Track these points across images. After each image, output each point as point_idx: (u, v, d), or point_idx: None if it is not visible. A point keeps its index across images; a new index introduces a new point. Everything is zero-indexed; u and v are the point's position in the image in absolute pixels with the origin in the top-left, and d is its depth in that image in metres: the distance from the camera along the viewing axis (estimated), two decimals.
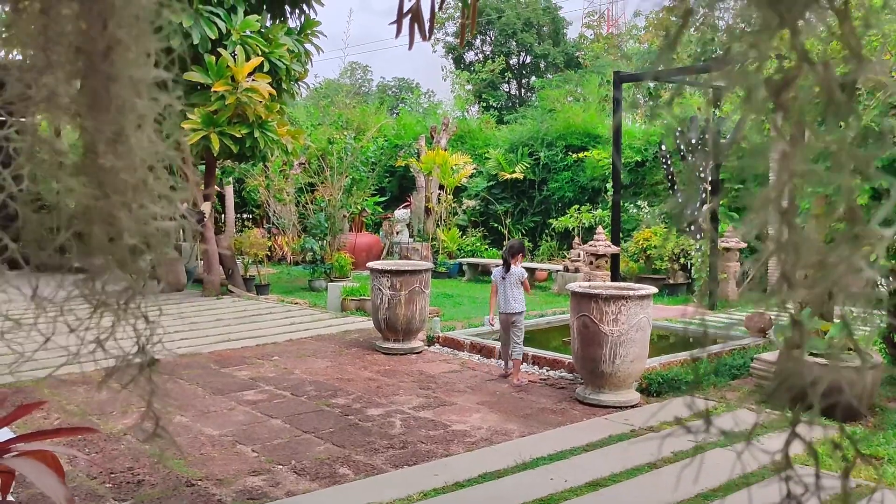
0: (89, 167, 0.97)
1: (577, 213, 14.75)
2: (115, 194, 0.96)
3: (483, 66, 37.38)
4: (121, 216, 0.97)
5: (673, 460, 4.88)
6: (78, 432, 2.79)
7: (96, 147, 0.95)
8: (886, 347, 6.68)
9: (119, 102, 0.94)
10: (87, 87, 0.93)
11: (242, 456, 4.94)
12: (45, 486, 1.84)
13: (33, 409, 2.24)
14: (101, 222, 0.97)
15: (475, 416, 5.84)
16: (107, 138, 0.94)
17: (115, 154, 0.96)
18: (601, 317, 5.96)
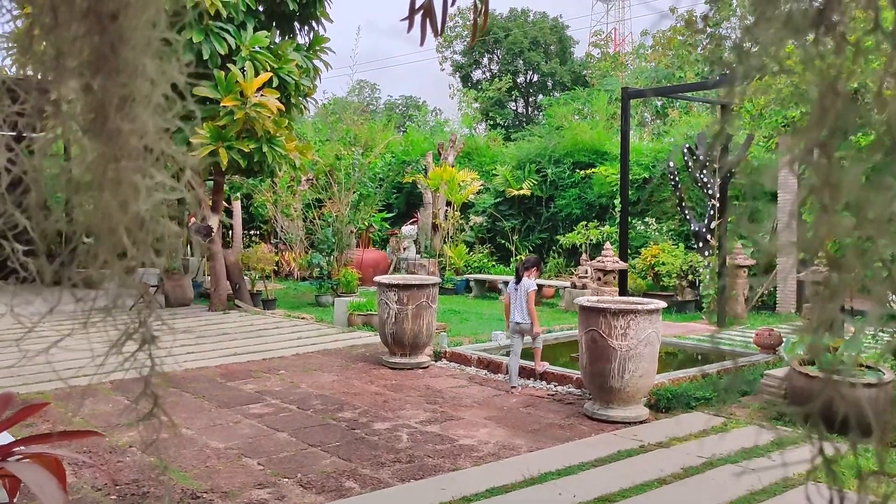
0: (99, 130, 0.96)
1: (584, 229, 14.73)
2: (125, 159, 0.95)
3: (490, 84, 37.54)
4: (133, 181, 0.95)
5: (682, 476, 4.82)
6: (81, 436, 2.77)
7: (106, 110, 0.94)
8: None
9: (129, 65, 0.93)
10: (96, 49, 0.93)
11: (248, 469, 4.91)
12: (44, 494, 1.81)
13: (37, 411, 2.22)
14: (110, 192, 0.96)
15: (482, 431, 5.79)
16: (117, 101, 0.93)
17: (125, 118, 0.95)
18: (610, 331, 5.92)
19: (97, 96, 0.94)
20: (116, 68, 0.92)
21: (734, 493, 4.51)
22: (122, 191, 0.97)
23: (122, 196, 0.97)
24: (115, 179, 0.96)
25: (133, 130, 0.95)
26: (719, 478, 4.79)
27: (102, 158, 0.96)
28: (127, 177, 0.96)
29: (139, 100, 0.95)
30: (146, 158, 0.98)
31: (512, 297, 7.40)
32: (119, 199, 0.97)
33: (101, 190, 0.97)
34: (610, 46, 39.89)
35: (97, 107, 0.95)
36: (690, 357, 8.95)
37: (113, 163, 0.96)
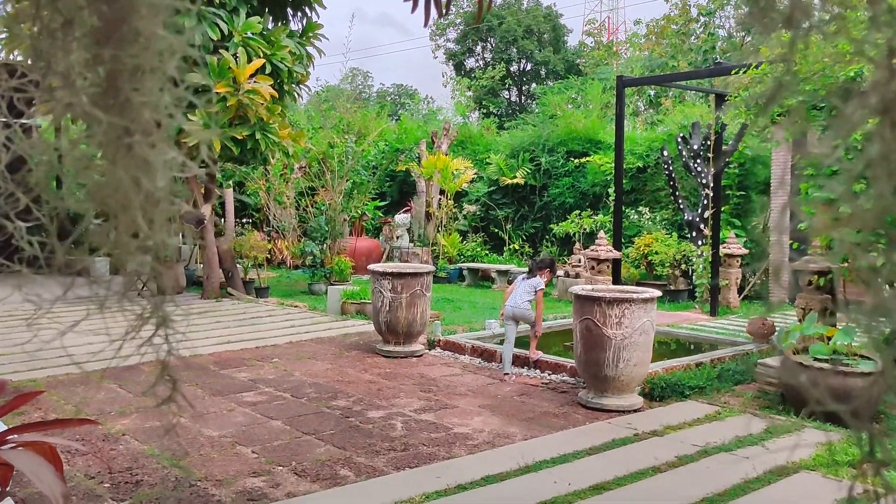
0: (110, 102, 0.93)
1: (578, 218, 14.72)
2: (138, 132, 0.92)
3: (483, 72, 37.42)
4: (147, 156, 0.93)
5: (677, 464, 4.83)
6: (76, 425, 2.74)
7: (117, 81, 0.91)
8: None
9: (139, 35, 0.90)
10: (104, 17, 0.90)
11: (242, 457, 4.89)
12: (41, 482, 1.79)
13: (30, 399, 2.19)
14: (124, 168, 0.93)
15: (477, 419, 5.79)
16: (128, 72, 0.90)
17: (137, 89, 0.92)
18: (605, 320, 5.91)
19: (107, 67, 0.91)
20: (126, 38, 0.90)
21: (728, 480, 4.52)
22: (135, 166, 0.94)
23: (136, 172, 0.94)
24: (128, 154, 0.93)
25: (145, 103, 0.92)
26: (714, 466, 4.80)
27: (114, 132, 0.93)
28: (141, 151, 0.93)
29: (151, 71, 0.92)
30: (159, 133, 0.95)
31: (517, 284, 7.47)
32: (132, 175, 0.94)
33: (113, 165, 0.94)
34: (603, 35, 39.79)
35: (108, 78, 0.92)
36: (683, 346, 8.97)
37: (126, 136, 0.93)
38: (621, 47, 34.41)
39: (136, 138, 0.92)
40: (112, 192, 0.95)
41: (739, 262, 12.26)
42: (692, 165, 12.52)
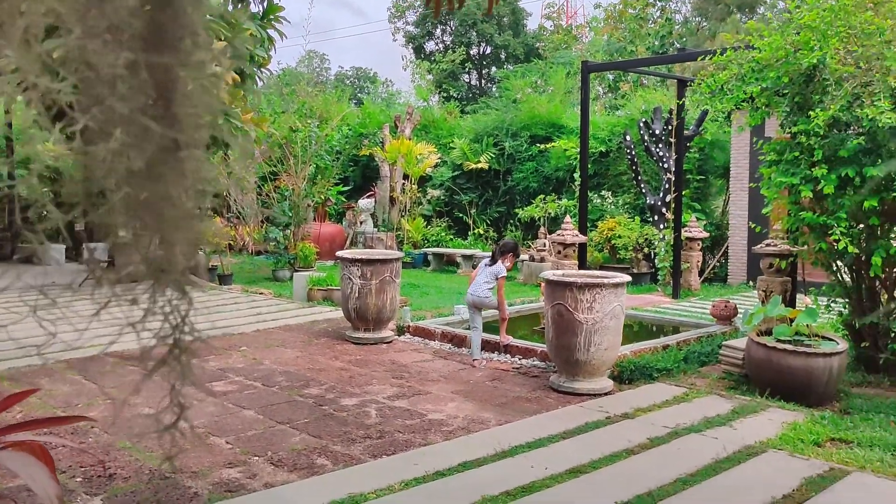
0: (161, 114, 0.90)
1: (542, 203, 14.80)
2: (187, 147, 0.89)
3: (443, 56, 37.27)
4: (193, 173, 0.90)
5: (649, 446, 4.92)
6: (69, 422, 2.68)
7: (168, 91, 0.88)
8: (848, 333, 6.84)
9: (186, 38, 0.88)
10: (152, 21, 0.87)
11: (216, 448, 4.84)
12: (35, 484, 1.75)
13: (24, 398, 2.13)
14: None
15: (451, 405, 5.81)
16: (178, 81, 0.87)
17: (187, 100, 0.89)
18: (576, 305, 5.97)
19: (157, 75, 0.88)
20: (174, 44, 0.87)
21: (700, 461, 4.62)
22: (181, 183, 0.92)
23: (181, 188, 0.91)
24: (177, 170, 0.90)
25: (193, 115, 0.90)
26: (685, 447, 4.91)
27: (163, 146, 0.90)
28: (192, 167, 0.90)
29: (200, 79, 0.89)
30: (206, 147, 0.92)
31: (480, 271, 7.45)
32: (177, 192, 0.91)
33: (157, 181, 0.91)
34: (562, 19, 39.91)
35: (158, 87, 0.89)
36: (648, 329, 9.11)
37: (174, 151, 0.90)
38: (581, 31, 34.55)
39: (185, 152, 0.90)
40: (153, 205, 0.92)
41: (700, 245, 12.48)
42: (654, 150, 12.67)
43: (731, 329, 8.19)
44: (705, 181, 14.41)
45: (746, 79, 6.77)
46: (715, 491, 4.19)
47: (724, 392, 6.22)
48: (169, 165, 0.93)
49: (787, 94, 6.67)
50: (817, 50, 6.26)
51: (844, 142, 6.23)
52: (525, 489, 4.17)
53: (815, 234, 6.68)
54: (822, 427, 5.24)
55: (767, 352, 6.01)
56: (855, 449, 4.83)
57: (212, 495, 4.07)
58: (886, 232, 6.55)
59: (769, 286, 8.03)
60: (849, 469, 4.48)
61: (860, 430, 5.19)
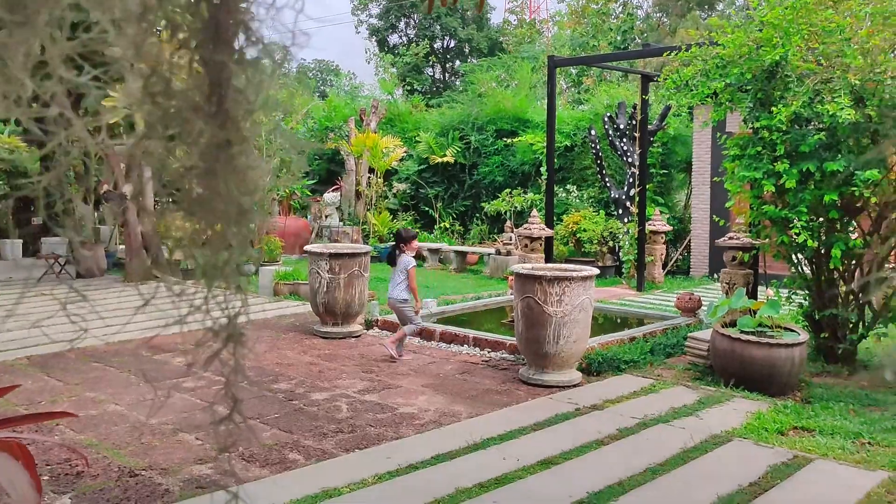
0: (214, 111, 0.89)
1: (509, 196, 14.87)
2: (238, 144, 0.89)
3: (407, 49, 37.12)
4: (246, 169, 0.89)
5: (619, 437, 4.99)
6: (52, 418, 2.62)
7: (222, 88, 0.87)
8: (809, 324, 7.01)
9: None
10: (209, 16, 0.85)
11: (186, 444, 4.78)
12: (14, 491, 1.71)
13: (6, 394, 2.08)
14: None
15: (421, 399, 5.82)
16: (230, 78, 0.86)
17: (240, 98, 0.88)
18: (545, 298, 6.02)
19: (211, 72, 0.87)
20: (228, 39, 0.86)
21: (668, 451, 4.70)
22: (234, 180, 0.91)
23: (234, 185, 0.91)
24: (230, 167, 0.89)
25: (245, 112, 0.89)
26: (653, 437, 4.99)
27: (216, 143, 0.89)
28: (243, 163, 0.90)
29: (252, 76, 0.88)
30: (256, 144, 0.92)
31: (393, 274, 7.28)
32: (230, 189, 0.91)
33: (213, 177, 0.90)
34: (526, 13, 40.03)
35: (212, 84, 0.88)
36: (614, 321, 9.22)
37: (226, 148, 0.89)
38: (544, 26, 34.73)
39: (237, 149, 0.89)
40: (210, 203, 0.91)
41: (664, 238, 12.65)
42: (618, 144, 12.81)
43: (695, 321, 8.33)
44: (668, 175, 14.61)
45: (711, 75, 6.88)
46: (684, 480, 4.27)
47: (690, 383, 6.34)
48: (222, 162, 0.93)
49: (751, 90, 6.80)
50: (779, 47, 6.39)
51: (805, 137, 6.37)
52: (498, 481, 4.20)
53: (776, 228, 6.82)
54: (785, 416, 5.37)
55: (732, 343, 6.13)
56: (817, 437, 4.96)
57: (183, 492, 4.03)
58: (845, 225, 6.72)
59: (732, 279, 8.19)
60: (811, 457, 4.60)
61: (821, 418, 5.33)
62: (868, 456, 4.60)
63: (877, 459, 4.54)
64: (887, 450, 4.72)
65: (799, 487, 4.16)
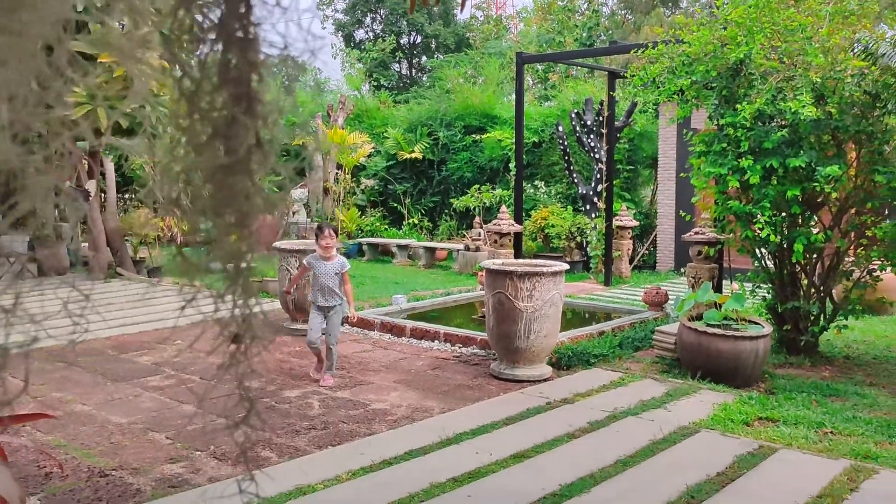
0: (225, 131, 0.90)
1: (477, 192, 14.92)
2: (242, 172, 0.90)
3: (374, 45, 36.97)
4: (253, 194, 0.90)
5: (589, 430, 5.05)
6: (31, 419, 2.57)
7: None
8: (772, 317, 7.16)
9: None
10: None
11: (156, 443, 4.74)
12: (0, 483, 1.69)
13: None
14: None
15: (393, 395, 5.83)
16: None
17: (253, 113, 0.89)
18: (516, 293, 6.07)
19: (242, 72, 0.88)
20: (254, 37, 0.86)
21: (638, 443, 4.78)
22: (263, 177, 0.92)
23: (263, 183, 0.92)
24: (262, 164, 0.91)
25: (272, 111, 0.90)
26: (623, 430, 5.06)
27: (249, 144, 0.90)
28: (270, 162, 0.91)
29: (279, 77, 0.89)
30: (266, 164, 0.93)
31: (312, 265, 6.21)
32: (258, 187, 0.92)
33: (246, 175, 0.91)
34: (492, 9, 40.10)
35: (242, 83, 0.89)
36: (583, 316, 9.32)
37: (259, 147, 0.90)
38: (511, 22, 34.83)
39: (268, 147, 0.90)
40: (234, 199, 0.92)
41: (630, 233, 12.81)
42: (586, 141, 12.93)
43: (662, 315, 8.46)
44: (634, 171, 14.78)
45: (677, 72, 6.98)
46: (653, 470, 4.35)
47: (658, 376, 6.44)
48: (255, 160, 0.94)
49: (716, 88, 6.91)
50: (743, 45, 6.51)
51: (769, 134, 6.50)
52: (472, 475, 4.24)
53: (741, 223, 6.95)
54: (751, 407, 5.49)
55: (698, 336, 6.24)
56: (781, 427, 5.08)
57: (155, 492, 3.99)
58: (807, 220, 6.88)
59: (698, 273, 8.33)
60: (776, 446, 4.71)
61: (785, 409, 5.45)
62: (830, 445, 4.73)
63: (839, 448, 4.66)
64: (849, 439, 4.85)
65: (764, 476, 4.26)
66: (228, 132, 0.94)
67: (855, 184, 6.66)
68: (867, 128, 6.41)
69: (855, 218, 6.80)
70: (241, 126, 0.94)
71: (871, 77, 6.19)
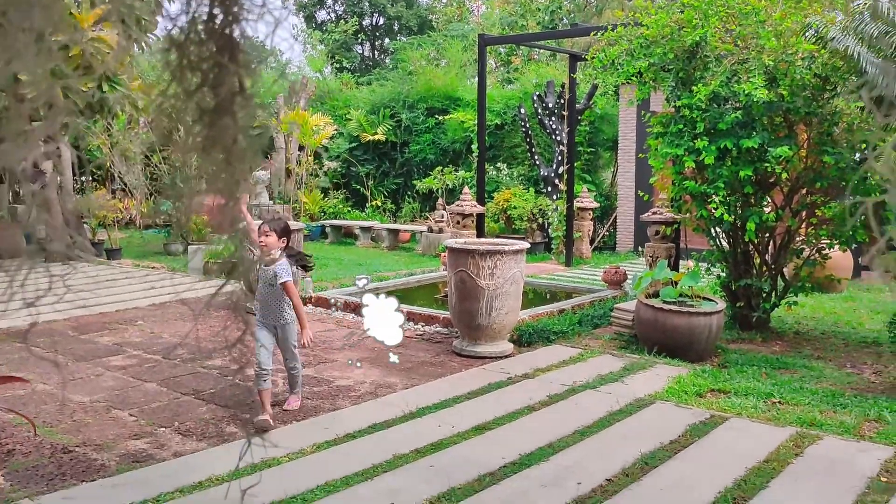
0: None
1: (440, 174, 14.97)
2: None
3: (336, 26, 36.62)
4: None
5: (549, 403, 5.19)
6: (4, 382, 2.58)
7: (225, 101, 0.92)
8: (726, 295, 7.37)
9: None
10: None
11: (120, 421, 4.75)
12: None
13: None
14: None
15: (357, 372, 5.91)
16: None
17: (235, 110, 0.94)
18: (478, 271, 6.17)
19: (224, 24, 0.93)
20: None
21: (596, 414, 4.93)
22: (246, 122, 0.98)
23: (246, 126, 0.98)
24: (246, 109, 0.97)
25: (253, 59, 0.96)
26: (582, 402, 5.21)
27: (232, 90, 0.96)
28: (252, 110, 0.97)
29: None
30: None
31: (259, 276, 4.75)
32: (241, 129, 0.98)
33: (229, 117, 0.97)
34: None
35: (225, 37, 0.94)
36: (544, 295, 9.47)
37: (242, 92, 0.96)
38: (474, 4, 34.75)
39: (250, 92, 0.96)
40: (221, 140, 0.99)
41: (591, 215, 13.00)
42: (547, 123, 13.05)
43: (621, 293, 8.64)
44: (595, 153, 14.96)
45: (635, 54, 7.10)
46: (610, 439, 4.50)
47: (616, 351, 6.60)
48: (239, 104, 1.00)
49: (673, 70, 7.05)
50: (699, 28, 6.65)
51: (723, 115, 6.67)
52: (434, 446, 4.34)
53: (696, 203, 7.13)
54: (704, 380, 5.68)
55: (654, 312, 6.42)
56: (732, 398, 5.28)
57: (120, 466, 4.02)
58: (760, 200, 7.08)
59: (655, 252, 8.52)
60: (727, 415, 4.90)
61: (736, 381, 5.65)
62: (778, 414, 4.93)
63: (786, 417, 4.86)
64: (795, 408, 5.06)
65: (715, 443, 4.44)
66: (215, 80, 1.00)
67: (805, 164, 6.87)
68: (817, 110, 6.62)
69: (805, 198, 7.02)
70: (225, 73, 1.00)
71: (821, 60, 6.38)
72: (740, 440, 4.48)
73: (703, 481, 3.89)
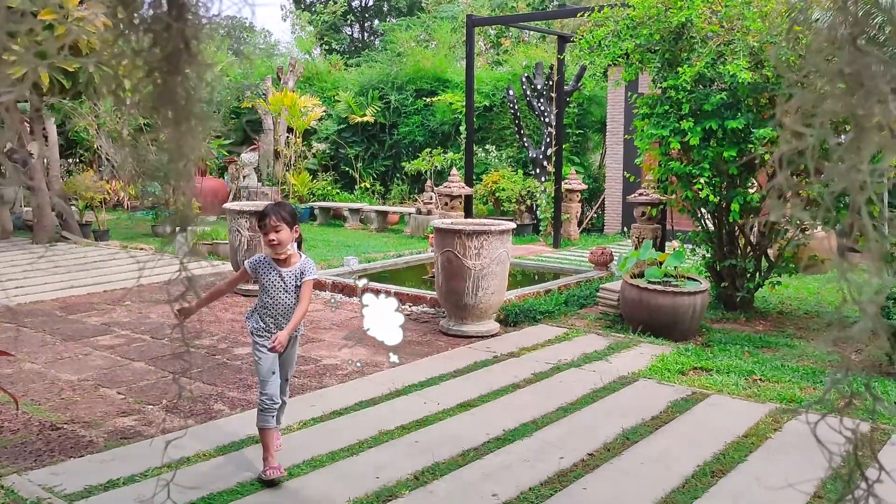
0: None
1: (429, 156, 14.97)
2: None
3: (325, 7, 36.35)
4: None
5: (534, 381, 5.25)
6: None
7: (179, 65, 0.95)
8: (710, 275, 7.45)
9: None
10: None
11: (108, 399, 4.78)
12: None
13: None
14: None
15: (344, 351, 5.95)
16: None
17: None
18: (464, 251, 6.21)
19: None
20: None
21: (579, 392, 5.00)
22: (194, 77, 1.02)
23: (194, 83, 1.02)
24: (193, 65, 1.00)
25: (202, 18, 0.99)
26: (566, 380, 5.27)
27: (177, 47, 0.99)
28: (203, 68, 1.00)
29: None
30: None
31: (269, 283, 3.79)
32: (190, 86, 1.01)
33: (176, 74, 1.01)
34: None
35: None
36: (531, 276, 9.53)
37: (188, 50, 0.99)
38: None
39: (196, 49, 0.99)
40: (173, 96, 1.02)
41: (579, 197, 13.05)
42: (536, 105, 13.06)
43: (607, 274, 8.71)
44: (584, 135, 14.99)
45: (622, 35, 7.12)
46: (593, 415, 4.56)
47: (601, 331, 6.67)
48: (184, 59, 1.03)
49: (659, 51, 7.08)
50: (685, 9, 6.68)
51: (709, 97, 6.71)
52: (419, 422, 4.40)
53: (682, 183, 7.19)
54: (687, 358, 5.75)
55: (639, 292, 6.48)
56: (714, 375, 5.36)
57: (108, 443, 4.06)
58: (744, 181, 7.14)
59: (641, 233, 8.58)
60: (708, 392, 4.98)
61: (719, 359, 5.73)
62: (759, 391, 5.01)
63: (766, 394, 4.95)
64: (776, 385, 5.15)
65: (696, 419, 4.51)
66: (164, 39, 1.04)
67: None
68: None
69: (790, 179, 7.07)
70: (173, 32, 1.03)
71: (805, 42, 6.41)
72: (720, 416, 4.56)
73: (682, 455, 3.97)
